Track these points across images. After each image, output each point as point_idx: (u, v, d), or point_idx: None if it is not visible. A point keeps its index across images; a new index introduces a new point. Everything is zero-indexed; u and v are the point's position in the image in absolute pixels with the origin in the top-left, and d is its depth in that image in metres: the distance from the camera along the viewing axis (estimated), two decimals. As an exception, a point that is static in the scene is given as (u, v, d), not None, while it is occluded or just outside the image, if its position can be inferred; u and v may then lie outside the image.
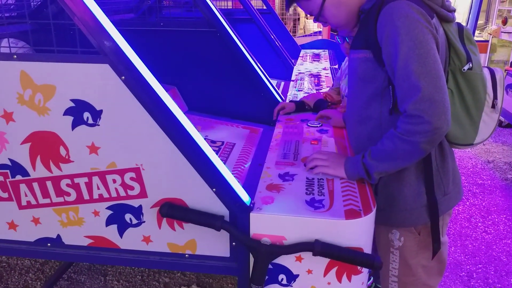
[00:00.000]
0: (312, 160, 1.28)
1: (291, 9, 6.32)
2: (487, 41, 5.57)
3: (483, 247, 2.58)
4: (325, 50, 3.78)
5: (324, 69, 2.94)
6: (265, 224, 1.06)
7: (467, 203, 3.11)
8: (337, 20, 1.25)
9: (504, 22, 5.07)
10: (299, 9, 6.37)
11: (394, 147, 1.10)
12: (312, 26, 6.38)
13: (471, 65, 1.15)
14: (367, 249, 1.08)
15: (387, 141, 1.12)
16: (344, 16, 1.23)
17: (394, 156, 1.12)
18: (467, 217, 2.92)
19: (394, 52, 1.07)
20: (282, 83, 2.73)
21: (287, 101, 2.06)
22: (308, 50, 3.76)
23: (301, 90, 2.35)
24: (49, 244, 1.22)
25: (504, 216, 2.94)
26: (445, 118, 1.04)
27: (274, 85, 2.11)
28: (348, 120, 1.35)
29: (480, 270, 2.36)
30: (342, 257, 1.03)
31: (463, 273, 2.32)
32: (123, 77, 1.01)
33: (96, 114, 1.05)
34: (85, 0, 1.00)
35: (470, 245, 2.60)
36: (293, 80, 2.66)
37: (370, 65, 1.15)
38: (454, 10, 1.21)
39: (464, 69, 1.15)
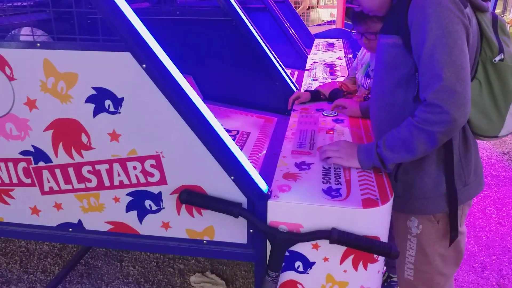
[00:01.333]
0: (324, 151, 1.28)
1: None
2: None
3: (497, 238, 2.57)
4: (339, 39, 3.75)
5: (339, 58, 2.92)
6: (282, 212, 1.08)
7: (482, 194, 3.09)
8: (371, 3, 1.25)
9: (523, 11, 4.95)
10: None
11: (410, 136, 1.10)
12: (319, 15, 6.32)
13: (502, 56, 1.14)
14: (384, 238, 1.09)
15: (403, 130, 1.12)
16: (377, 0, 1.23)
17: (409, 145, 1.12)
18: (481, 208, 2.90)
19: (421, 39, 1.06)
20: (296, 73, 2.72)
21: (302, 90, 2.06)
22: (322, 39, 3.73)
23: (316, 80, 2.34)
24: (70, 229, 1.26)
25: (519, 208, 2.91)
26: (464, 110, 1.03)
27: (289, 74, 2.10)
28: (372, 105, 1.35)
29: (493, 261, 2.35)
30: (359, 245, 1.03)
31: (477, 264, 2.32)
32: (144, 65, 1.02)
33: (117, 102, 1.07)
34: (106, -12, 1.01)
35: (484, 237, 2.58)
36: (307, 70, 2.65)
37: (398, 51, 1.15)
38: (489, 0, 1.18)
39: (495, 60, 1.13)
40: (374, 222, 1.06)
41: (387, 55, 1.20)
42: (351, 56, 2.98)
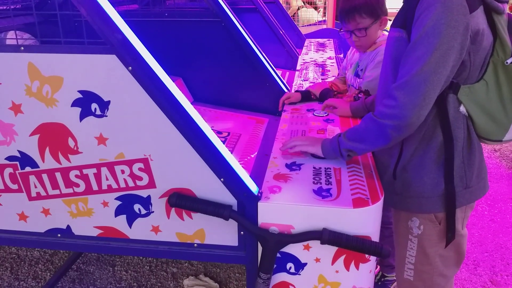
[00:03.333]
0: (291, 141, 1.33)
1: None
2: None
3: (489, 235, 2.58)
4: (330, 39, 3.75)
5: (329, 58, 2.92)
6: (273, 213, 1.07)
7: (473, 192, 3.11)
8: None
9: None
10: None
11: (365, 128, 1.15)
12: (310, 15, 6.31)
13: None
14: (375, 237, 1.09)
15: (362, 121, 1.17)
16: None
17: (363, 137, 1.16)
18: (473, 205, 2.92)
19: (414, 34, 1.07)
20: (287, 73, 2.71)
21: (293, 90, 2.05)
22: (312, 40, 3.73)
23: (307, 80, 2.34)
24: (59, 235, 1.24)
25: (511, 204, 2.93)
26: (418, 112, 1.05)
27: (279, 75, 2.10)
28: (378, 100, 1.35)
29: (486, 258, 2.36)
30: (350, 245, 1.03)
31: (470, 261, 2.33)
32: (130, 67, 1.01)
33: (104, 105, 1.06)
34: (91, -9, 0.99)
35: (476, 234, 2.60)
36: (298, 70, 2.65)
37: (403, 44, 1.14)
38: (507, 1, 1.16)
39: (507, 62, 1.11)
40: (365, 221, 1.06)
41: (393, 48, 1.19)
42: (341, 56, 2.99)
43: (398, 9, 1.24)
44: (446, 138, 1.16)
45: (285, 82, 2.10)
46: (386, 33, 1.79)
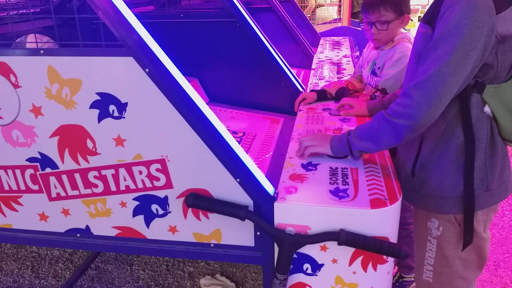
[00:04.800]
0: (300, 144, 1.31)
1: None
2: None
3: (510, 235, 2.53)
4: (345, 37, 3.72)
5: (345, 56, 2.89)
6: (289, 214, 1.07)
7: (494, 191, 3.04)
8: None
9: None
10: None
11: (377, 127, 1.13)
12: (326, 14, 6.28)
13: None
14: (393, 238, 1.07)
15: (374, 120, 1.15)
16: None
17: (375, 136, 1.14)
18: (493, 205, 2.86)
19: (438, 31, 1.05)
20: (302, 72, 2.70)
21: (308, 90, 2.04)
22: (328, 38, 3.70)
23: (322, 79, 2.32)
24: (78, 235, 1.26)
25: (533, 204, 2.86)
26: (432, 112, 1.04)
27: (295, 74, 2.09)
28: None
29: (507, 259, 2.31)
30: (367, 246, 1.02)
31: (490, 262, 2.28)
32: (147, 69, 1.02)
33: (122, 107, 1.07)
34: (108, -6, 1.01)
35: (497, 234, 2.54)
36: (313, 69, 2.63)
37: (428, 41, 1.11)
38: None
39: None
40: (383, 222, 1.05)
41: (419, 45, 1.16)
42: (357, 54, 2.96)
43: (420, 5, 1.22)
44: (467, 139, 1.12)
45: (300, 81, 2.09)
46: (405, 32, 1.77)
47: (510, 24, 1.04)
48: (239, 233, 1.15)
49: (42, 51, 1.07)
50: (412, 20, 1.66)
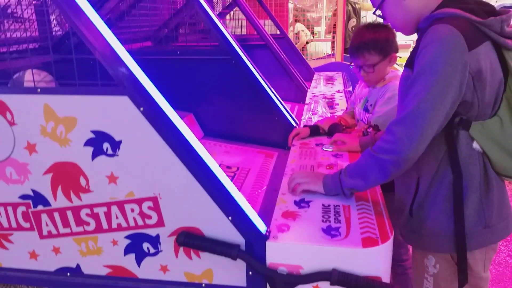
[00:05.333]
0: (292, 180, 1.31)
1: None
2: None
3: (507, 272, 2.50)
4: (339, 72, 3.80)
5: (338, 91, 2.95)
6: (281, 253, 1.06)
7: (489, 225, 3.03)
8: (394, 20, 1.27)
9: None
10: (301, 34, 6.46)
11: (365, 163, 1.15)
12: (318, 49, 6.45)
13: None
14: (386, 277, 1.06)
15: (362, 157, 1.17)
16: (401, 19, 1.25)
17: (363, 173, 1.16)
18: (489, 240, 2.84)
19: (415, 71, 1.10)
20: (297, 107, 2.74)
21: (302, 124, 2.07)
22: (321, 73, 3.78)
23: (316, 114, 2.36)
24: (68, 274, 1.24)
25: (528, 239, 2.85)
26: (415, 148, 1.06)
27: (288, 109, 2.13)
28: None
29: (505, 296, 2.28)
30: (359, 286, 1.01)
31: (487, 300, 2.25)
32: (142, 108, 1.04)
33: (115, 145, 1.08)
34: (104, 34, 1.04)
35: (494, 270, 2.52)
36: (307, 104, 2.67)
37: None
38: None
39: None
40: (375, 261, 1.04)
41: (402, 88, 1.20)
42: (350, 89, 3.02)
43: (412, 41, 1.27)
44: (456, 176, 1.14)
45: (293, 116, 2.12)
46: (395, 69, 1.83)
47: (483, 61, 1.08)
48: (231, 273, 1.13)
49: (39, 90, 1.09)
50: (400, 57, 1.70)
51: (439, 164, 1.16)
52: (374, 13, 1.31)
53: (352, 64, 1.79)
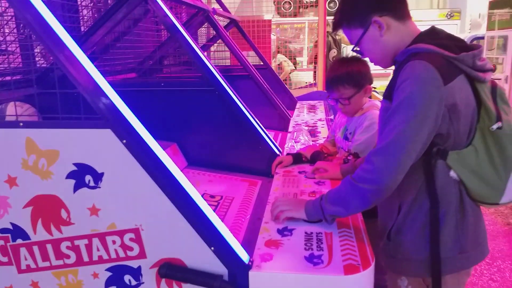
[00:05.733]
0: (275, 207, 1.33)
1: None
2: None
3: (491, 296, 2.52)
4: (321, 101, 3.89)
5: (320, 120, 3.01)
6: (264, 282, 1.06)
7: (472, 249, 3.06)
8: (372, 55, 1.33)
9: (493, 69, 5.24)
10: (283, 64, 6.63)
11: (345, 192, 1.19)
12: (301, 78, 6.62)
13: (500, 124, 1.15)
14: (368, 304, 1.07)
15: (342, 185, 1.20)
16: (379, 53, 1.30)
17: (344, 200, 1.19)
18: (472, 264, 2.87)
19: (394, 104, 1.15)
20: (280, 135, 2.79)
21: (285, 152, 2.10)
22: (304, 102, 3.87)
23: (298, 142, 2.40)
24: (47, 309, 1.21)
25: (510, 262, 2.88)
26: (394, 176, 1.10)
27: (272, 137, 2.16)
28: None
29: (490, 321, 2.28)
30: (343, 314, 1.01)
31: (473, 325, 2.25)
32: (125, 140, 1.05)
33: (98, 177, 1.09)
34: (87, 68, 1.07)
35: (478, 294, 2.53)
36: (290, 132, 2.72)
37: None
38: (491, 70, 1.22)
39: (492, 128, 1.15)
40: (357, 288, 1.05)
41: (382, 118, 1.25)
42: (332, 117, 3.09)
43: (380, 70, 1.33)
44: (432, 203, 1.19)
45: (277, 145, 2.15)
46: (375, 98, 1.89)
47: (457, 94, 1.14)
48: (214, 304, 1.12)
49: (21, 124, 1.10)
50: (375, 87, 1.77)
51: (418, 191, 1.21)
52: (352, 49, 1.36)
53: (329, 97, 1.85)
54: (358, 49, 1.33)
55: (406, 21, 1.26)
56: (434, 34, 1.23)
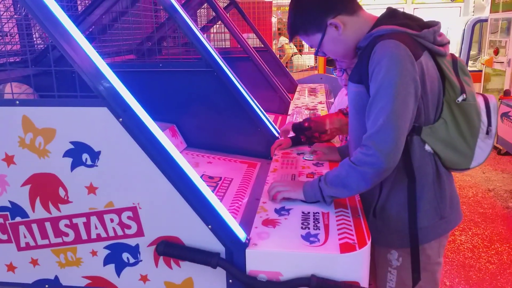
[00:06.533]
0: (273, 188, 1.34)
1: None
2: (481, 71, 5.68)
3: (487, 277, 2.54)
4: (321, 84, 3.87)
5: (320, 102, 3.00)
6: (261, 260, 1.07)
7: (470, 232, 3.09)
8: (335, 54, 1.38)
9: (496, 52, 5.19)
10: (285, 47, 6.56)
11: (345, 174, 1.20)
12: (302, 62, 6.55)
13: (465, 96, 1.22)
14: (364, 282, 1.08)
15: (341, 168, 1.22)
16: (342, 51, 1.34)
17: (344, 183, 1.21)
18: (470, 247, 2.89)
19: (373, 88, 1.16)
20: (280, 117, 2.78)
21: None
22: (304, 85, 3.85)
23: (298, 124, 2.39)
24: (46, 286, 1.23)
25: (507, 245, 2.90)
26: (393, 156, 1.13)
27: (271, 120, 2.16)
28: (351, 145, 1.44)
29: (486, 302, 2.32)
30: (338, 292, 1.02)
31: (469, 306, 2.28)
32: (121, 119, 1.05)
33: (95, 155, 1.09)
34: (84, 47, 1.06)
35: (474, 276, 2.56)
36: (289, 114, 2.71)
37: (363, 98, 1.23)
38: (448, 42, 1.29)
39: (458, 100, 1.22)
40: (353, 266, 1.06)
41: (356, 102, 1.29)
42: (332, 100, 3.07)
43: None
44: (409, 178, 1.25)
45: (276, 127, 2.15)
46: None
47: (425, 70, 1.18)
48: (211, 281, 1.14)
49: (17, 102, 1.09)
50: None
51: (397, 168, 1.23)
52: (315, 54, 1.39)
53: (335, 68, 1.79)
54: (321, 53, 1.35)
55: (359, 13, 1.30)
56: (392, 16, 1.27)
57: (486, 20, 5.85)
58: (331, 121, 1.83)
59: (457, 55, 1.52)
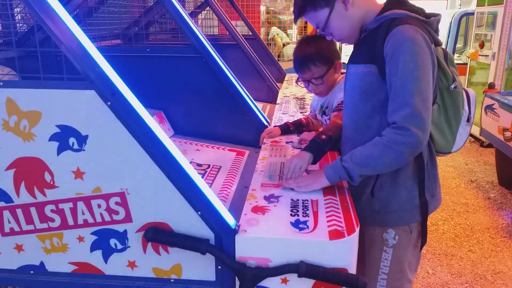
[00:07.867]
0: (298, 187, 1.32)
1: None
2: (466, 64, 5.75)
3: (468, 266, 2.61)
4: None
5: (308, 92, 2.99)
6: (250, 247, 1.07)
7: (452, 222, 3.15)
8: (341, 32, 1.36)
9: (481, 45, 5.26)
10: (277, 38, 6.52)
11: (379, 154, 1.22)
12: (289, 51, 6.53)
13: (455, 84, 1.30)
14: (352, 269, 1.09)
15: (373, 148, 1.22)
16: (347, 29, 1.34)
17: (377, 162, 1.23)
18: (452, 236, 2.96)
19: (395, 70, 1.18)
20: (268, 106, 2.77)
21: (273, 124, 2.09)
22: (293, 74, 3.83)
23: (286, 113, 2.39)
24: (32, 272, 1.20)
25: (488, 234, 2.98)
26: (426, 134, 1.19)
27: (260, 109, 2.14)
28: (346, 128, 1.43)
29: (466, 289, 2.37)
30: (326, 278, 1.03)
31: (451, 293, 2.33)
32: (109, 102, 1.02)
33: (82, 139, 1.06)
34: (71, 27, 1.02)
35: (456, 264, 2.62)
36: (278, 103, 2.70)
37: (374, 78, 1.26)
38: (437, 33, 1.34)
39: (451, 88, 1.29)
40: (341, 253, 1.07)
41: (363, 83, 1.30)
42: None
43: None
44: (417, 157, 1.29)
45: (265, 116, 2.14)
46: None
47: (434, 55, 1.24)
48: (200, 268, 1.13)
49: (1, 83, 1.06)
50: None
51: None
52: (320, 32, 1.38)
53: (299, 79, 1.78)
54: (323, 31, 1.35)
55: None
56: (401, 3, 1.30)
57: (472, 14, 5.91)
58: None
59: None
